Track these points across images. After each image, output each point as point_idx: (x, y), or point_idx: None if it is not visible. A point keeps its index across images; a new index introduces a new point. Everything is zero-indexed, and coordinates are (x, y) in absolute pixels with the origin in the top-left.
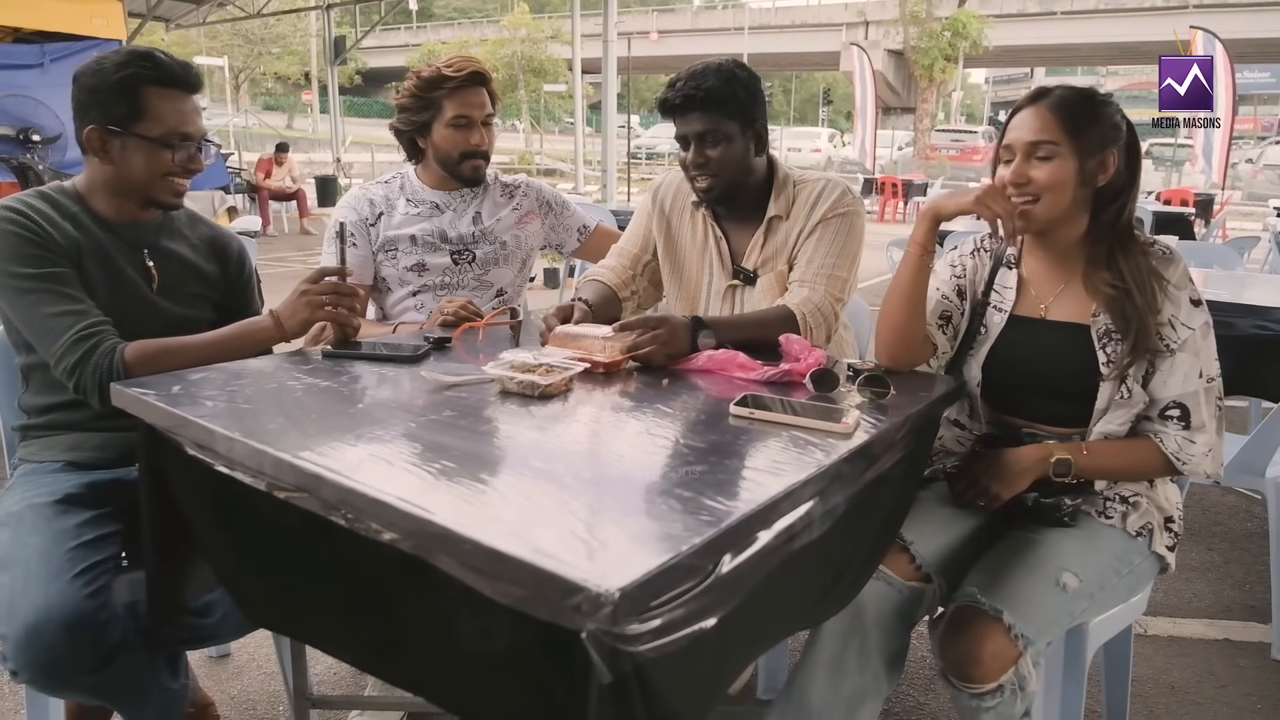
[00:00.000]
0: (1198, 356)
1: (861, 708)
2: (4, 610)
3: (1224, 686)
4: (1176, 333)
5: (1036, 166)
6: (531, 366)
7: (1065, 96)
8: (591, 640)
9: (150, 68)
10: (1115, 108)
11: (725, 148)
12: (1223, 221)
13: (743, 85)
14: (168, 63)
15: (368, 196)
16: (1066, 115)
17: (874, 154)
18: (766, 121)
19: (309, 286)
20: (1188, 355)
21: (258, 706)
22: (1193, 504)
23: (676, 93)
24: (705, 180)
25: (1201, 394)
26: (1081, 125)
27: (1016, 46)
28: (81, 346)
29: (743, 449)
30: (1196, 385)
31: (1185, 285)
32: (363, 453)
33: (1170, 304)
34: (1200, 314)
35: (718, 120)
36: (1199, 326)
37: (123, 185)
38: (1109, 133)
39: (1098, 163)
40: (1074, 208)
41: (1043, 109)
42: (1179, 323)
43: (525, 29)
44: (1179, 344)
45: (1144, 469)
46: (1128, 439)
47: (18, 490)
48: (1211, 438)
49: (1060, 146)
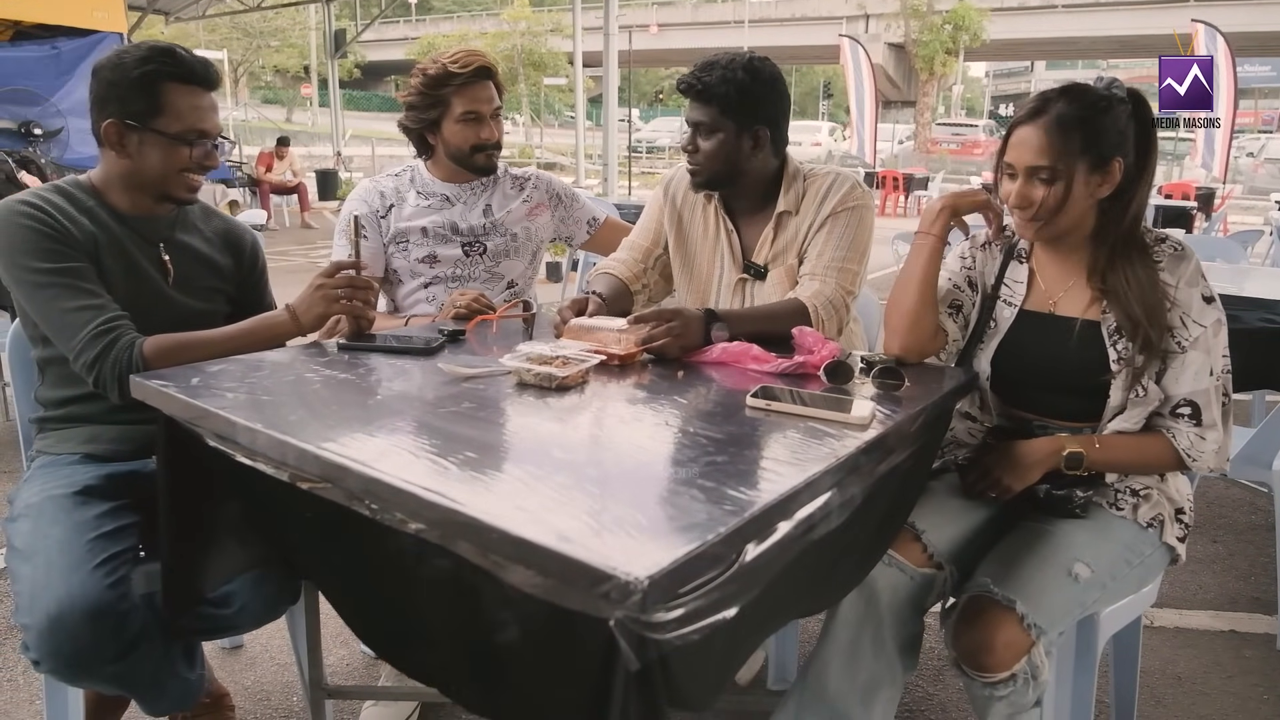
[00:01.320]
0: (1209, 354)
1: (877, 695)
2: (26, 601)
3: (1230, 677)
4: (1188, 330)
5: (1039, 188)
6: (548, 359)
7: (1065, 116)
8: (620, 628)
9: (171, 64)
10: (1120, 110)
11: (714, 143)
12: (1224, 216)
13: (741, 88)
14: (188, 60)
15: (378, 189)
16: (1067, 138)
17: (874, 148)
18: (780, 122)
19: (324, 280)
20: (1199, 353)
21: (272, 697)
22: (1198, 497)
23: (687, 77)
24: (691, 165)
25: (1212, 391)
26: (1084, 145)
27: (1017, 40)
28: (101, 341)
29: (761, 440)
30: (1208, 383)
31: (1197, 282)
32: (385, 443)
33: (1181, 302)
34: (1212, 311)
35: (713, 115)
36: (1210, 324)
37: (139, 180)
38: (1113, 142)
39: (1102, 175)
40: (1084, 214)
41: (1042, 130)
42: (1190, 320)
43: (525, 22)
44: (1190, 341)
45: (1155, 464)
46: (1140, 434)
47: (36, 482)
48: (1220, 435)
49: (1061, 170)
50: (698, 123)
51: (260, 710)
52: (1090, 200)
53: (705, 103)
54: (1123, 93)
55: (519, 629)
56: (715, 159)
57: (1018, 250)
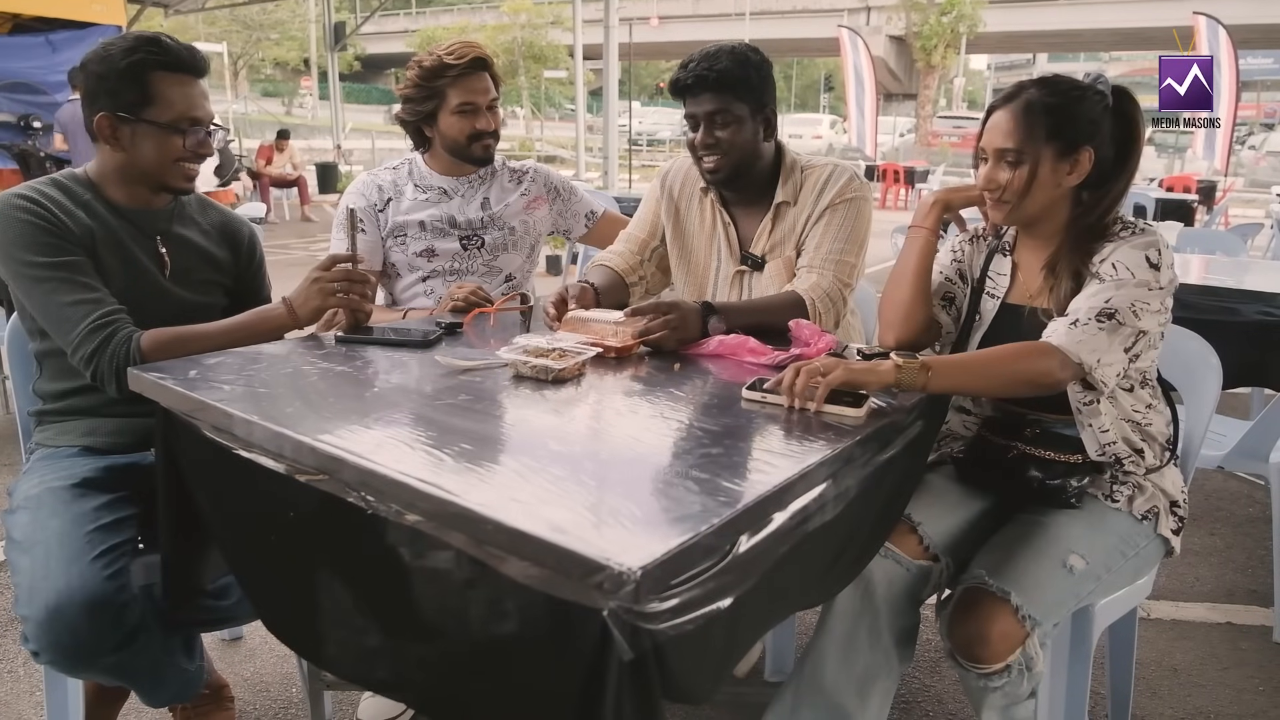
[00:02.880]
0: (1119, 291)
1: (874, 686)
2: (25, 592)
3: (1226, 669)
4: (1117, 273)
5: (1005, 170)
6: (545, 351)
7: (1033, 101)
8: (613, 618)
9: (158, 53)
10: (1094, 101)
11: (735, 129)
12: (1225, 208)
13: (755, 69)
14: (174, 47)
15: (376, 182)
16: (1034, 122)
17: (875, 141)
18: (776, 107)
19: (320, 274)
20: (1111, 287)
21: (271, 688)
22: (1195, 489)
23: (689, 73)
24: (712, 160)
25: (1098, 309)
26: (1050, 130)
27: (1019, 32)
28: (98, 335)
29: (756, 432)
30: (1096, 303)
31: (1145, 248)
32: (381, 435)
33: (1118, 255)
34: (1149, 272)
35: (729, 101)
36: (1139, 278)
37: (134, 171)
38: (1083, 131)
39: (1070, 163)
40: (1055, 203)
41: (1012, 113)
42: (1123, 266)
43: (525, 15)
44: (1112, 279)
45: (1019, 354)
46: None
47: (35, 474)
48: (1089, 326)
49: (1026, 154)
50: (713, 112)
51: (259, 701)
52: (1059, 188)
53: (719, 90)
54: (1105, 86)
55: (512, 622)
56: (737, 148)
57: (1003, 243)
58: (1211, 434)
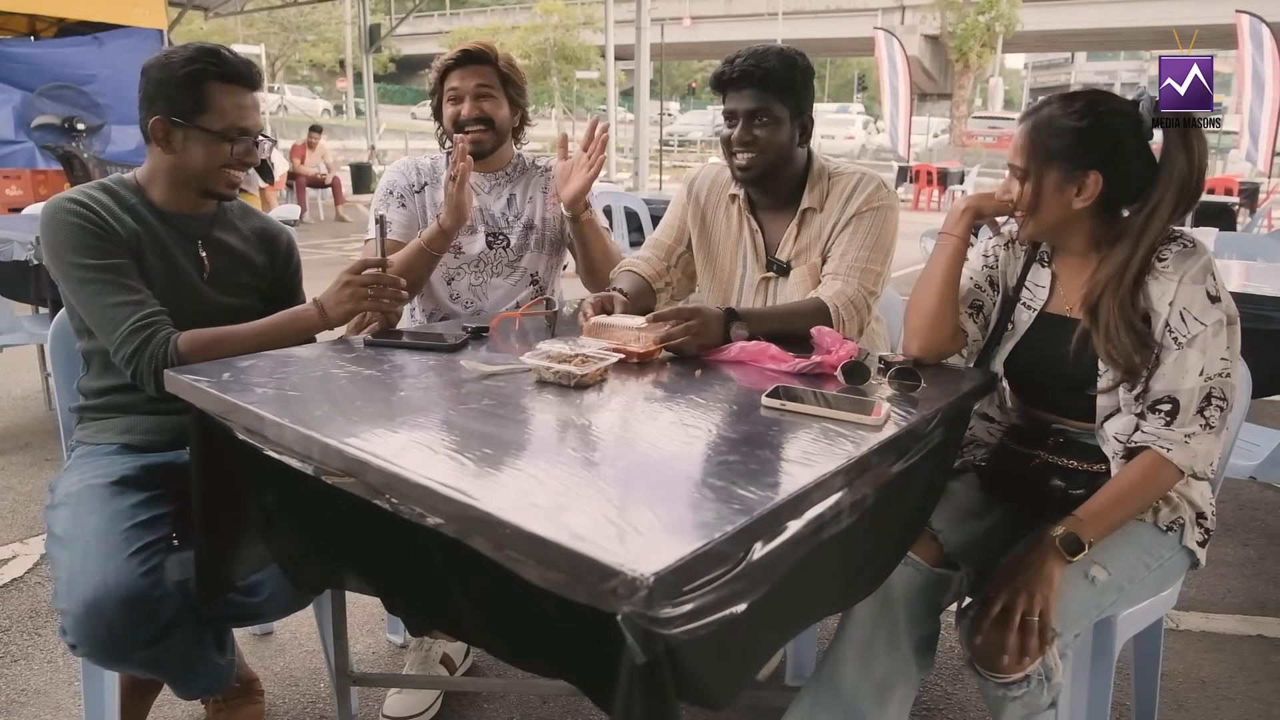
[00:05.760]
0: (1204, 353)
1: (892, 692)
2: (64, 587)
3: (1256, 682)
4: (1187, 327)
5: (1016, 184)
6: (568, 356)
7: (1045, 121)
8: (627, 622)
9: (215, 64)
10: (1113, 124)
11: (772, 129)
12: (1268, 210)
13: (801, 73)
14: (232, 60)
15: (416, 164)
16: (1040, 141)
17: (909, 141)
18: (813, 114)
19: (351, 278)
20: (1195, 351)
21: (300, 683)
22: (1229, 499)
23: (735, 68)
24: (746, 158)
25: (1197, 391)
26: (1054, 152)
27: (1056, 31)
28: (139, 336)
29: (774, 439)
30: (1195, 382)
31: (1203, 280)
32: (406, 439)
33: (1182, 299)
34: (1215, 310)
35: (770, 101)
36: (1211, 323)
37: (182, 175)
38: (1093, 155)
39: (1075, 186)
40: (1070, 221)
41: (1025, 129)
42: (1191, 317)
43: (557, 15)
44: (1188, 338)
45: (1146, 484)
46: (1124, 471)
47: (75, 471)
48: (1204, 437)
49: (1030, 172)
50: (754, 110)
51: (288, 695)
52: (1067, 209)
53: (763, 89)
54: (1146, 109)
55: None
56: (773, 148)
57: (1040, 253)
58: (1244, 443)
